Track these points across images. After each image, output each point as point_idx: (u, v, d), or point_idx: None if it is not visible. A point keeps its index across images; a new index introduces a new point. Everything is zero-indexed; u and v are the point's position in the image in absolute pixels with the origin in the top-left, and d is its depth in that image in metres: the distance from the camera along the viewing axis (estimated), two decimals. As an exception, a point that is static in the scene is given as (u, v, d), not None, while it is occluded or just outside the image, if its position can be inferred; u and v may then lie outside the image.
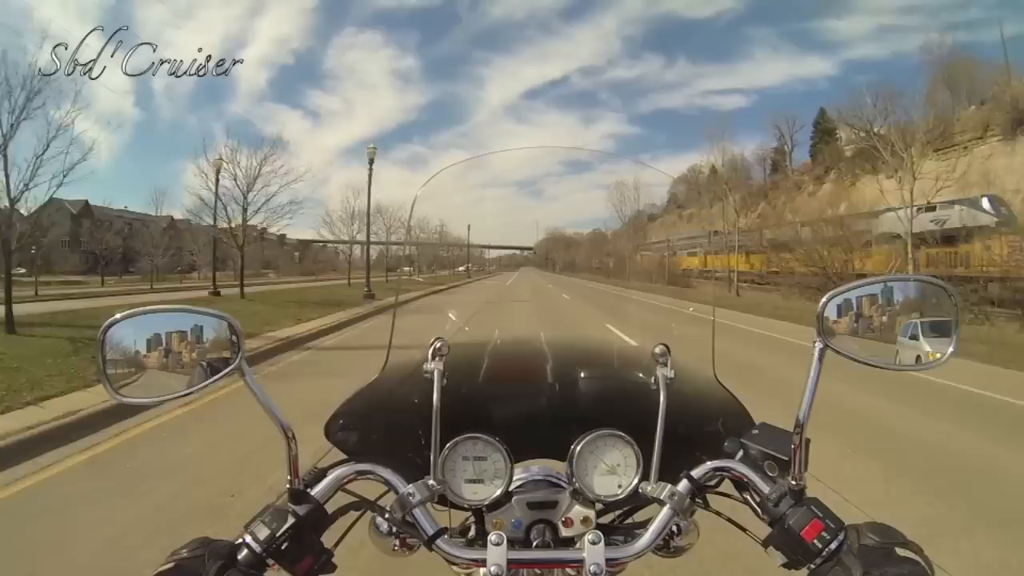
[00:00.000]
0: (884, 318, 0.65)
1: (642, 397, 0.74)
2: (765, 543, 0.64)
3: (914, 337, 0.66)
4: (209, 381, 0.65)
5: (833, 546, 0.59)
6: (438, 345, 0.75)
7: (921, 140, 18.57)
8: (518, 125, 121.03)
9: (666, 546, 0.73)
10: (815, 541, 0.60)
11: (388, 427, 0.80)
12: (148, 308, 0.65)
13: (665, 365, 0.75)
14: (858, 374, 0.66)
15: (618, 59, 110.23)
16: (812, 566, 0.60)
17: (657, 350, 0.75)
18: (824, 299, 0.64)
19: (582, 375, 0.85)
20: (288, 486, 0.66)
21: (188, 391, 0.65)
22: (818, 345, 0.64)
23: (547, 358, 0.90)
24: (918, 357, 0.67)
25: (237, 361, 0.64)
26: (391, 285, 22.00)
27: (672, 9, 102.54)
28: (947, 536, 2.70)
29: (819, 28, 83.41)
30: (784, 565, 0.63)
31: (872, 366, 0.65)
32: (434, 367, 0.73)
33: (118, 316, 0.64)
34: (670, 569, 0.78)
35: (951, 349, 0.66)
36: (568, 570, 0.70)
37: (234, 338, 0.66)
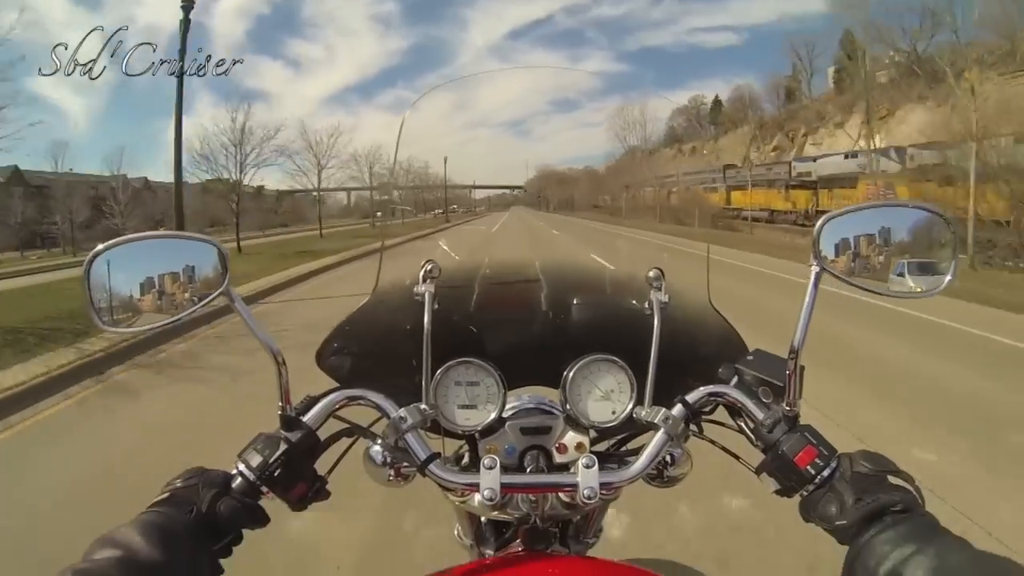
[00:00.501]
0: (880, 243, 0.69)
1: (636, 322, 0.78)
2: (758, 470, 0.68)
3: (901, 275, 0.70)
4: (196, 307, 0.68)
5: (826, 473, 0.63)
6: (429, 267, 0.77)
7: (981, 60, 17.58)
8: (503, 65, 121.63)
9: (659, 476, 0.78)
10: (808, 467, 0.64)
11: (379, 353, 0.84)
12: (133, 236, 0.68)
13: (659, 289, 0.78)
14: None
15: None
16: (804, 492, 0.64)
17: (651, 274, 0.79)
18: (820, 222, 0.68)
19: (575, 301, 0.88)
20: (280, 413, 0.69)
21: (175, 318, 0.68)
22: (814, 269, 0.67)
23: (540, 283, 0.93)
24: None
25: (224, 286, 0.68)
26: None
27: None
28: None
29: None
30: (777, 492, 0.67)
31: (867, 291, 0.69)
32: (425, 289, 0.76)
33: (100, 247, 0.67)
34: (663, 499, 0.86)
35: (948, 278, 0.70)
36: (561, 495, 0.74)
37: (221, 263, 0.68)
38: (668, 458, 0.77)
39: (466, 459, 0.80)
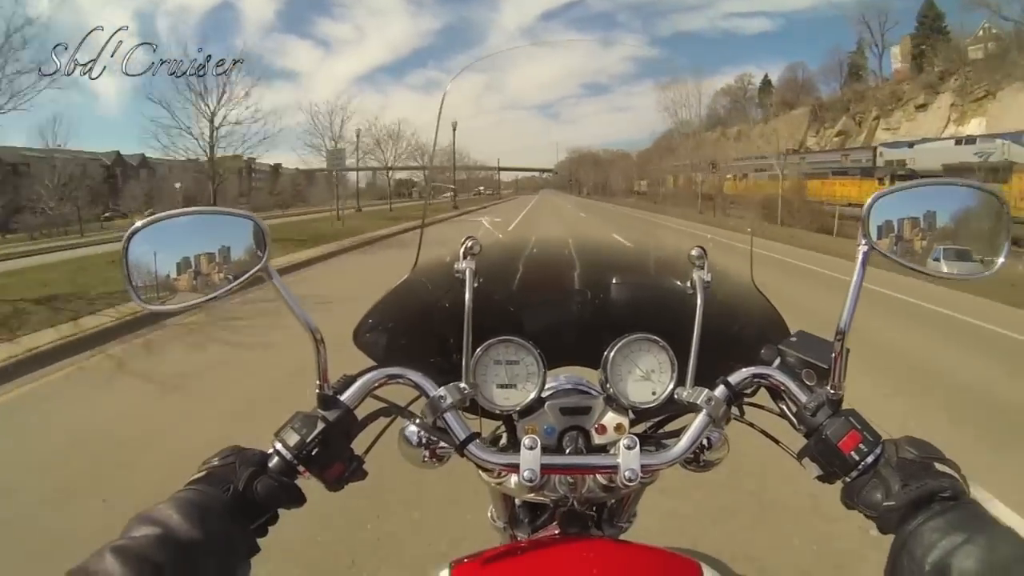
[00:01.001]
0: (932, 223, 0.72)
1: (677, 301, 0.82)
2: (800, 455, 0.71)
3: (952, 257, 0.73)
4: (234, 284, 0.73)
5: (870, 459, 0.65)
6: (469, 244, 0.81)
7: None
8: (535, 47, 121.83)
9: (696, 459, 0.82)
10: (852, 453, 0.66)
11: (418, 331, 0.89)
12: (170, 213, 0.73)
13: (702, 268, 0.81)
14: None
15: None
16: (848, 479, 0.67)
17: (694, 252, 0.81)
18: (870, 200, 0.70)
19: (615, 280, 0.92)
20: (317, 392, 0.73)
21: (213, 295, 0.73)
22: (862, 248, 0.70)
23: (579, 264, 0.97)
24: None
25: (263, 262, 0.72)
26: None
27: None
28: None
29: None
30: (819, 478, 0.70)
31: (916, 271, 0.71)
32: (466, 266, 0.79)
33: (138, 224, 0.71)
34: (700, 484, 0.90)
35: (1001, 259, 0.72)
36: (599, 477, 0.77)
37: (258, 239, 0.73)
38: (705, 441, 0.81)
39: (503, 440, 0.84)
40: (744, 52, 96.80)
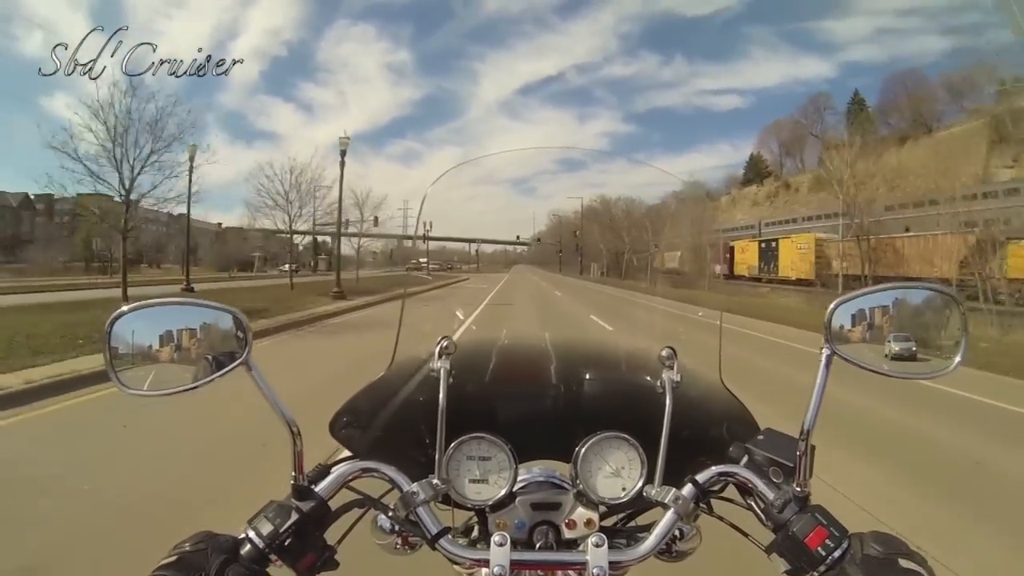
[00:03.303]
0: (892, 324, 0.75)
1: (647, 400, 0.84)
2: (768, 549, 0.73)
3: (912, 357, 0.76)
4: (216, 375, 0.74)
5: (837, 554, 0.67)
6: (444, 344, 0.84)
7: None
8: (513, 121, 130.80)
9: (668, 551, 0.83)
10: (819, 549, 0.68)
11: (393, 425, 0.90)
12: (155, 301, 0.75)
13: (671, 368, 0.83)
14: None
15: (614, 56, 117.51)
16: (815, 574, 0.68)
17: (664, 352, 0.84)
18: (832, 305, 0.74)
19: (587, 376, 0.94)
20: (292, 482, 0.74)
21: (193, 385, 0.74)
22: (825, 352, 0.73)
23: (553, 359, 0.99)
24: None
25: (244, 355, 0.73)
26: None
27: (669, 7, 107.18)
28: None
29: (817, 29, 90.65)
30: (787, 572, 0.71)
31: (879, 374, 0.73)
32: (440, 365, 0.82)
33: (124, 309, 0.74)
34: (672, 574, 0.90)
35: (958, 359, 0.74)
36: (571, 572, 0.77)
37: (240, 332, 0.74)
38: (677, 532, 0.81)
39: (475, 532, 0.85)
40: (717, 128, 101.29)
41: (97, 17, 77.85)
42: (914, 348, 0.76)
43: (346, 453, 0.85)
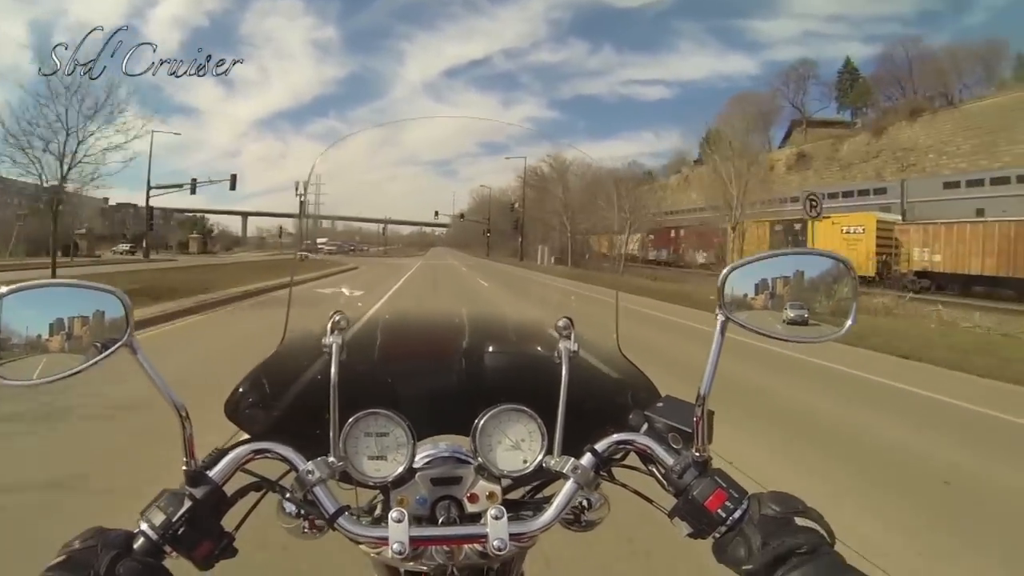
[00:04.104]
0: (783, 290, 0.75)
1: (546, 371, 0.83)
2: (671, 514, 0.74)
3: (803, 322, 0.77)
4: (99, 358, 0.70)
5: (736, 515, 0.69)
6: (337, 319, 0.82)
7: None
8: (437, 104, 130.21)
9: (577, 520, 0.83)
10: (719, 511, 0.70)
11: (289, 404, 0.88)
12: (34, 283, 0.71)
13: (568, 338, 0.83)
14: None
15: (542, 42, 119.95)
16: (716, 535, 0.70)
17: (560, 323, 0.84)
18: (725, 271, 0.74)
19: (487, 349, 0.94)
20: (184, 468, 0.72)
21: (76, 370, 0.70)
22: (719, 317, 0.74)
23: (451, 332, 0.99)
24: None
25: (126, 336, 0.70)
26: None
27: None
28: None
29: (745, 27, 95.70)
30: (690, 535, 0.73)
31: (769, 337, 0.74)
32: (332, 341, 0.80)
33: (2, 290, 0.69)
34: (584, 542, 0.91)
35: (849, 322, 0.76)
36: (476, 546, 0.77)
37: (123, 312, 0.71)
38: (584, 503, 0.82)
39: (379, 509, 0.84)
40: (642, 117, 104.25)
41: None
42: (806, 315, 0.77)
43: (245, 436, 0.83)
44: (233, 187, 34.57)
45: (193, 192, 34.83)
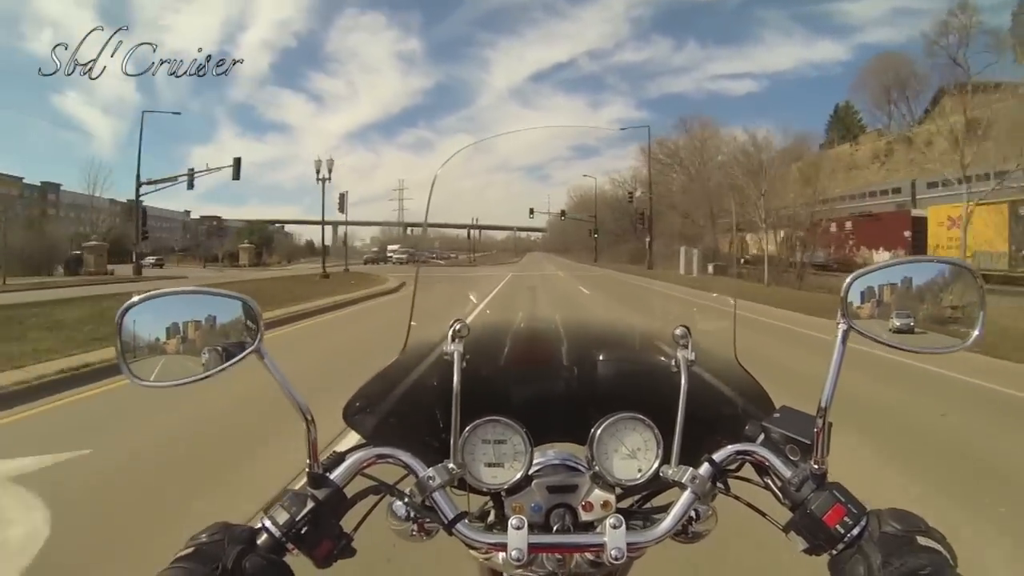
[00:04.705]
0: (908, 299, 0.74)
1: (662, 379, 0.83)
2: (786, 528, 0.72)
3: (929, 331, 0.75)
4: (227, 364, 0.74)
5: (855, 532, 0.67)
6: (457, 327, 0.83)
7: None
8: (524, 109, 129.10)
9: (684, 532, 0.82)
10: (837, 527, 0.68)
11: (407, 410, 0.90)
12: (165, 291, 0.75)
13: (686, 347, 0.83)
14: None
15: (625, 42, 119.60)
16: (833, 552, 0.68)
17: (678, 332, 0.83)
18: (848, 280, 0.72)
19: (601, 357, 0.94)
20: (307, 470, 0.75)
21: (205, 375, 0.74)
22: (841, 327, 0.72)
23: (566, 340, 0.99)
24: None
25: (256, 343, 0.73)
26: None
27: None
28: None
29: (831, 11, 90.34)
30: (805, 551, 0.71)
31: (895, 348, 0.73)
32: (454, 349, 0.81)
33: (135, 299, 0.73)
34: (688, 554, 0.90)
35: (976, 332, 0.73)
36: (587, 554, 0.77)
37: (251, 320, 0.74)
38: (693, 513, 0.81)
39: (492, 516, 0.85)
40: (731, 113, 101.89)
41: (103, 13, 78.63)
42: (912, 323, 0.75)
43: (359, 440, 0.85)
44: (237, 176, 30.84)
45: (191, 187, 32.49)
